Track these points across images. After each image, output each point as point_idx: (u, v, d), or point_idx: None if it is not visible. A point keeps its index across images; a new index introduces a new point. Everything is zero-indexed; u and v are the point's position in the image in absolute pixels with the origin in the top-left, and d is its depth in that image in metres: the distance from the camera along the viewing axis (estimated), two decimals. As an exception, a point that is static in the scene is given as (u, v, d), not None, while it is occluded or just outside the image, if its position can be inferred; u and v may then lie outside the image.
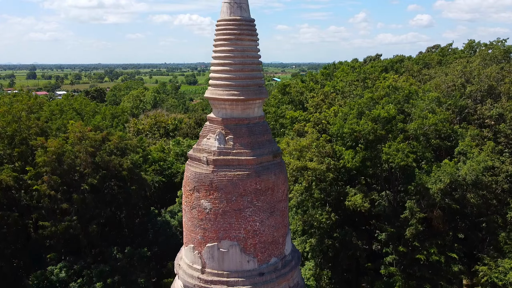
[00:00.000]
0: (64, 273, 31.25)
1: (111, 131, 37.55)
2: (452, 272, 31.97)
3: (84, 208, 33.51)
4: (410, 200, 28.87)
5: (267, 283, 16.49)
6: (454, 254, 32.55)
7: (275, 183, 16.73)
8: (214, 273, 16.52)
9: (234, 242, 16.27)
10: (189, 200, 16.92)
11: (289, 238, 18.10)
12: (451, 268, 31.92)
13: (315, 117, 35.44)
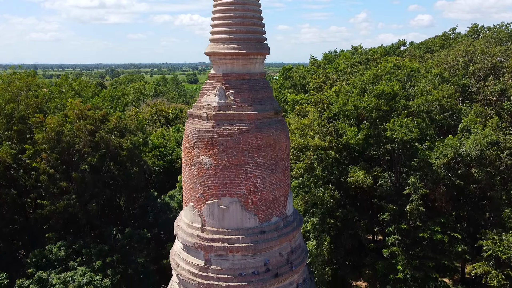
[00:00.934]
0: (63, 252, 30.87)
1: (110, 112, 37.16)
2: (456, 252, 31.59)
3: (84, 187, 33.16)
4: (413, 175, 28.45)
5: (268, 241, 16.14)
6: (457, 234, 32.20)
7: (277, 139, 16.38)
8: (214, 230, 16.17)
9: (235, 199, 15.92)
10: (188, 157, 16.58)
11: (290, 199, 17.74)
12: (455, 248, 31.55)
13: (317, 98, 35.06)
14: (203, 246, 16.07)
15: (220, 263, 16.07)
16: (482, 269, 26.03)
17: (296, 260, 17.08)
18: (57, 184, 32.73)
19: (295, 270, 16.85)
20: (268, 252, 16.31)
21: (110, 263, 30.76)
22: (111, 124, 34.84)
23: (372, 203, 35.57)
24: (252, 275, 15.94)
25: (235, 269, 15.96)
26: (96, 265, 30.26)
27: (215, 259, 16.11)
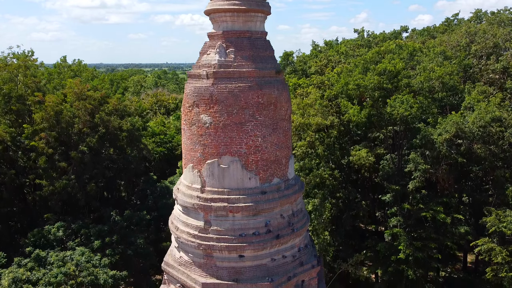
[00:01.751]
0: (62, 232, 30.57)
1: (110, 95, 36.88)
2: (459, 234, 31.23)
3: (83, 168, 32.89)
4: (415, 152, 28.09)
5: (269, 202, 15.81)
6: (460, 215, 31.85)
7: (278, 99, 16.06)
8: (214, 191, 15.85)
9: (235, 158, 15.59)
10: (188, 117, 16.26)
11: (292, 163, 17.41)
12: (457, 229, 31.21)
13: (318, 79, 34.73)
14: (203, 206, 15.76)
15: (220, 223, 15.74)
16: (486, 246, 25.67)
17: (298, 223, 16.76)
18: (55, 165, 32.44)
19: (297, 233, 16.53)
20: (269, 213, 15.99)
21: (109, 244, 30.47)
22: (110, 106, 34.54)
23: (373, 184, 35.22)
24: (253, 236, 15.62)
25: (235, 229, 15.64)
26: (95, 245, 29.97)
27: (215, 220, 15.78)
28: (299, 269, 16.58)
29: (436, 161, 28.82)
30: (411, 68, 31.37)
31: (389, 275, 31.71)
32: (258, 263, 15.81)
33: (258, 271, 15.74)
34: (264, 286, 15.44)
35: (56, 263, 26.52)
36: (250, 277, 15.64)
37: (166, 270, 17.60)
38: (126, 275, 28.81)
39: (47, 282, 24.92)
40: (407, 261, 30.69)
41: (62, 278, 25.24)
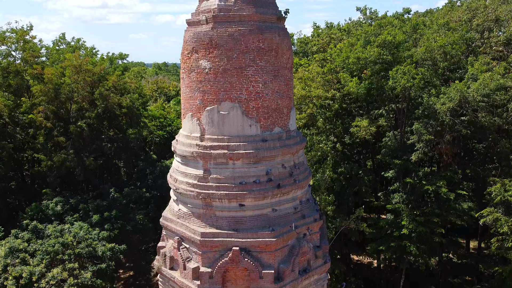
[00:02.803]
0: (60, 207, 30.15)
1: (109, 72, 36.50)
2: (462, 210, 30.76)
3: (81, 143, 32.52)
4: (418, 122, 27.62)
5: (270, 150, 15.39)
6: (463, 191, 31.38)
7: (279, 45, 15.64)
8: (213, 138, 15.44)
9: (235, 104, 15.18)
10: (187, 64, 15.85)
11: (293, 115, 17.00)
12: (461, 205, 30.74)
13: (320, 56, 34.30)
14: (202, 154, 15.34)
15: (220, 171, 15.33)
16: (492, 217, 25.16)
17: (300, 175, 16.34)
18: (54, 140, 32.06)
19: (299, 184, 16.11)
20: (270, 162, 15.57)
21: (107, 219, 30.05)
22: (110, 82, 34.14)
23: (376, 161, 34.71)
24: (254, 184, 15.21)
25: (236, 177, 15.23)
26: (94, 220, 29.53)
27: (215, 168, 15.37)
28: (301, 222, 16.17)
29: (439, 133, 28.32)
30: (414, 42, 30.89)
31: (391, 252, 31.20)
32: (259, 213, 15.40)
33: (258, 221, 15.33)
34: (265, 235, 15.02)
35: (53, 234, 26.13)
36: (251, 227, 15.24)
37: (165, 225, 17.20)
38: (125, 248, 28.40)
39: (44, 251, 24.51)
40: (410, 238, 30.24)
41: (60, 247, 24.84)
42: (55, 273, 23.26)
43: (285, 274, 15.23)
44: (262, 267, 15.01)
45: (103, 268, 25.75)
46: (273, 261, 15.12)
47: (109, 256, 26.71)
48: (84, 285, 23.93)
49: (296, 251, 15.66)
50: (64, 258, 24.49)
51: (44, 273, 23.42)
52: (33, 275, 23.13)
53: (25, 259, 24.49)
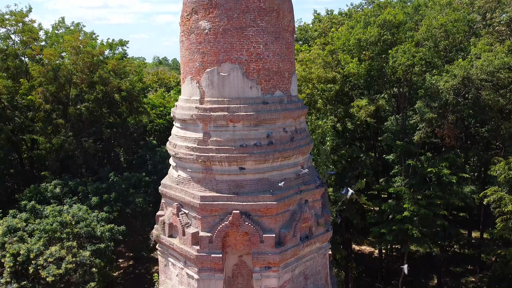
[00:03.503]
0: (59, 189, 29.85)
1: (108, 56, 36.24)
2: (464, 193, 30.45)
3: (81, 126, 32.27)
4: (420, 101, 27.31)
5: (272, 113, 15.10)
6: (466, 174, 31.09)
7: (280, 6, 15.35)
8: (213, 100, 15.14)
9: (236, 65, 14.88)
10: (186, 26, 15.56)
11: (295, 81, 16.69)
12: (463, 188, 30.45)
13: (322, 40, 34.00)
14: (202, 117, 15.04)
15: (220, 134, 15.04)
16: (496, 196, 24.84)
17: (301, 141, 16.04)
18: (53, 122, 31.82)
19: (300, 150, 15.81)
20: (271, 125, 15.28)
21: (107, 201, 29.74)
22: (109, 66, 33.88)
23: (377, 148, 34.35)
24: (254, 147, 14.91)
25: (236, 140, 14.93)
26: (93, 202, 29.25)
27: (215, 131, 15.08)
28: (303, 187, 15.86)
29: (442, 114, 28.02)
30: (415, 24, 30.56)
31: (394, 235, 30.87)
32: (260, 176, 15.10)
33: (259, 184, 15.03)
34: (266, 198, 14.73)
35: (52, 213, 25.83)
36: (251, 191, 14.94)
37: (163, 192, 16.92)
38: (124, 229, 28.11)
39: (42, 230, 24.22)
40: (411, 221, 29.94)
41: (58, 226, 24.55)
42: (53, 250, 22.99)
43: (286, 238, 14.94)
44: (263, 231, 14.71)
45: (101, 248, 25.47)
46: (274, 226, 14.83)
47: (108, 237, 26.42)
48: (82, 263, 23.66)
49: (298, 217, 15.36)
50: (63, 236, 24.20)
51: (42, 251, 23.16)
52: (31, 252, 22.85)
53: (23, 237, 24.22)
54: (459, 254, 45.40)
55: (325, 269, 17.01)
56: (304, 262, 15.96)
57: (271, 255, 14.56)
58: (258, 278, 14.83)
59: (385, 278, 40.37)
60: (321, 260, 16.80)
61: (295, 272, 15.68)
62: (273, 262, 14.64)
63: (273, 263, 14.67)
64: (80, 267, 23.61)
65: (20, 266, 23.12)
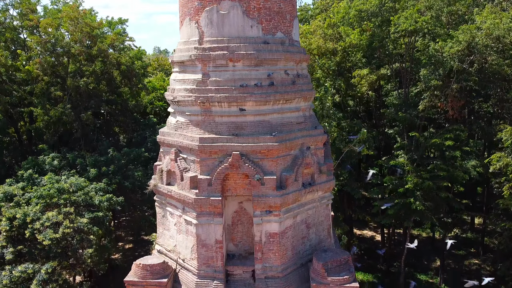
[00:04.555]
0: (57, 162, 29.42)
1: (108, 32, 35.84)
2: (468, 168, 29.95)
3: (79, 98, 31.86)
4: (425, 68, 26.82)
5: (273, 53, 14.66)
6: (469, 148, 30.58)
7: None
8: (213, 40, 14.71)
9: (236, 3, 14.45)
10: (185, -34, 15.14)
11: (296, 25, 16.22)
12: (467, 163, 29.94)
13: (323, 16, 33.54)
14: (201, 57, 14.61)
15: (219, 74, 14.61)
16: (502, 162, 24.31)
17: (303, 86, 15.61)
18: (51, 96, 31.43)
19: (302, 94, 15.36)
20: (272, 66, 14.85)
21: (105, 173, 29.31)
22: (108, 40, 33.47)
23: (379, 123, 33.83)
24: (255, 87, 14.47)
25: (236, 79, 14.50)
26: (91, 174, 28.82)
27: (214, 71, 14.65)
28: (305, 132, 15.42)
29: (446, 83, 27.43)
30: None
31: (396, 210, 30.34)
32: (261, 118, 14.66)
33: (260, 127, 14.59)
34: (267, 140, 14.28)
35: (49, 181, 25.40)
36: (252, 133, 14.49)
37: (161, 140, 16.49)
38: (122, 200, 27.68)
39: (39, 195, 23.77)
40: (414, 195, 29.42)
41: (55, 192, 24.10)
42: (50, 215, 22.51)
43: (288, 182, 14.49)
44: (264, 174, 14.27)
45: (99, 216, 25.00)
46: (275, 168, 14.39)
47: (106, 206, 25.98)
48: (80, 229, 23.19)
49: (300, 161, 14.92)
50: (60, 202, 23.75)
51: (39, 216, 22.69)
52: (27, 216, 22.41)
53: (19, 203, 23.81)
54: (462, 238, 44.92)
55: (327, 220, 16.56)
56: (306, 210, 15.52)
57: (272, 198, 14.12)
58: (259, 222, 14.40)
59: (387, 260, 39.89)
60: (324, 211, 16.36)
61: (297, 219, 15.24)
62: (274, 205, 14.20)
63: (274, 206, 14.23)
64: (78, 233, 23.14)
65: (16, 231, 22.67)
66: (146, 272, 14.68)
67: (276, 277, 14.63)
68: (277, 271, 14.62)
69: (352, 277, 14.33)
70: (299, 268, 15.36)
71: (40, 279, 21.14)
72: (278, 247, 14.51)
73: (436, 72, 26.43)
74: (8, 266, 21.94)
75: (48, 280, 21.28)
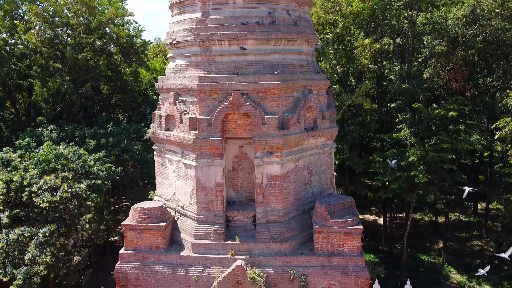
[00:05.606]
0: (55, 134, 29.05)
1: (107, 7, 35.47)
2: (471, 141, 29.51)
3: (77, 71, 31.51)
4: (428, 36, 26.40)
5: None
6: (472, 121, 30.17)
7: None
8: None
9: None
10: None
11: (299, -30, 15.84)
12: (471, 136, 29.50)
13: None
14: (201, -6, 14.22)
15: (220, 12, 14.22)
16: (508, 129, 23.90)
17: (306, 28, 15.21)
18: (49, 69, 31.08)
19: (305, 36, 14.95)
20: (274, 5, 14.47)
21: (104, 145, 28.93)
22: (108, 14, 33.11)
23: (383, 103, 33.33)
24: (256, 25, 14.08)
25: (236, 17, 14.11)
26: (90, 146, 28.47)
27: (214, 9, 14.26)
28: (307, 75, 15.04)
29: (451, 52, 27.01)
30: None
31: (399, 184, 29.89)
32: (262, 58, 14.27)
33: (261, 66, 14.20)
34: (268, 78, 13.88)
35: (47, 148, 25.00)
36: (253, 72, 14.10)
37: (160, 86, 16.07)
38: (121, 170, 27.32)
39: (37, 160, 23.38)
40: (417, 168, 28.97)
41: (53, 158, 23.70)
42: (48, 179, 22.12)
43: (290, 123, 14.08)
44: (265, 113, 13.86)
45: (98, 184, 24.62)
46: (276, 109, 13.99)
47: (105, 175, 25.60)
48: (78, 194, 22.76)
49: (302, 103, 14.52)
50: (58, 167, 23.35)
51: (36, 181, 22.27)
52: (25, 179, 22.02)
53: (16, 167, 23.42)
54: (465, 222, 44.56)
55: (330, 169, 16.16)
56: (309, 155, 15.12)
57: (274, 138, 13.72)
58: (260, 164, 13.99)
59: (389, 242, 39.47)
60: (327, 160, 15.96)
61: (299, 164, 14.84)
62: (276, 146, 13.80)
63: (276, 147, 13.82)
64: (76, 198, 22.73)
65: (13, 195, 22.28)
66: (144, 216, 14.28)
67: (278, 222, 14.24)
68: (279, 215, 14.23)
69: (356, 220, 13.93)
70: (302, 214, 14.97)
71: (38, 243, 20.77)
72: (280, 191, 14.11)
73: (440, 39, 26.01)
74: (5, 230, 21.58)
75: (45, 244, 20.91)
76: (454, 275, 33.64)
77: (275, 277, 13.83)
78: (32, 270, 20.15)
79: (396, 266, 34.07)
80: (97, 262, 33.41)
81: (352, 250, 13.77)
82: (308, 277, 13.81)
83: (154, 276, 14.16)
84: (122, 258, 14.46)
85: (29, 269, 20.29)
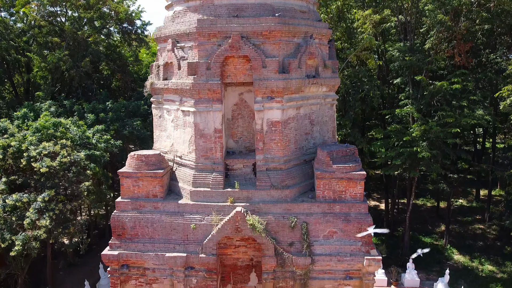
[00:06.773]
0: (54, 109, 28.69)
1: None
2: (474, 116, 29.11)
3: (76, 46, 31.19)
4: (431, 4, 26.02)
5: None
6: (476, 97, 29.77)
7: None
8: None
9: None
10: None
11: None
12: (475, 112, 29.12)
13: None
14: None
15: (219, -47, 13.89)
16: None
17: (307, -25, 14.88)
18: (48, 44, 30.79)
19: (306, -18, 14.64)
20: None
21: (103, 120, 28.56)
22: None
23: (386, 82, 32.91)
24: (256, -34, 13.75)
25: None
26: (89, 120, 28.08)
27: (213, -49, 13.94)
28: (309, 22, 14.67)
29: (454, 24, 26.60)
30: None
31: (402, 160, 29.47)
32: (262, 1, 13.93)
33: (261, 9, 13.85)
34: (269, 20, 13.53)
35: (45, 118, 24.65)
36: (253, 14, 13.76)
37: (158, 35, 15.70)
38: (120, 143, 26.96)
39: (35, 128, 23.04)
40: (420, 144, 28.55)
41: (51, 126, 23.36)
42: (47, 145, 21.71)
43: (291, 67, 13.74)
44: (266, 57, 13.52)
45: (96, 155, 24.26)
46: (277, 52, 13.64)
47: (103, 147, 25.26)
48: (77, 162, 22.34)
49: (303, 49, 14.16)
50: (56, 134, 22.99)
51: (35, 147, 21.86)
52: (23, 143, 21.64)
53: (14, 134, 23.05)
54: (467, 207, 44.20)
55: (332, 122, 15.80)
56: (310, 104, 14.77)
57: (274, 81, 13.37)
58: (260, 109, 13.64)
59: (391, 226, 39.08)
60: (328, 111, 15.61)
61: (300, 112, 14.49)
62: (276, 90, 13.45)
63: (276, 91, 13.47)
64: (75, 166, 22.33)
65: (10, 161, 21.85)
66: (141, 163, 13.94)
67: (279, 169, 13.89)
68: (279, 162, 13.87)
69: (359, 166, 13.57)
70: (303, 164, 14.62)
71: (36, 208, 20.35)
72: (281, 137, 13.76)
73: (443, 9, 25.64)
74: (1, 195, 21.15)
75: (44, 209, 20.50)
76: (457, 255, 33.23)
77: (276, 224, 13.48)
78: (32, 233, 19.75)
79: (398, 247, 33.70)
80: (96, 243, 33.15)
81: (354, 196, 13.42)
82: (310, 224, 13.46)
83: (151, 224, 13.81)
84: (118, 207, 14.12)
85: (28, 235, 19.88)
